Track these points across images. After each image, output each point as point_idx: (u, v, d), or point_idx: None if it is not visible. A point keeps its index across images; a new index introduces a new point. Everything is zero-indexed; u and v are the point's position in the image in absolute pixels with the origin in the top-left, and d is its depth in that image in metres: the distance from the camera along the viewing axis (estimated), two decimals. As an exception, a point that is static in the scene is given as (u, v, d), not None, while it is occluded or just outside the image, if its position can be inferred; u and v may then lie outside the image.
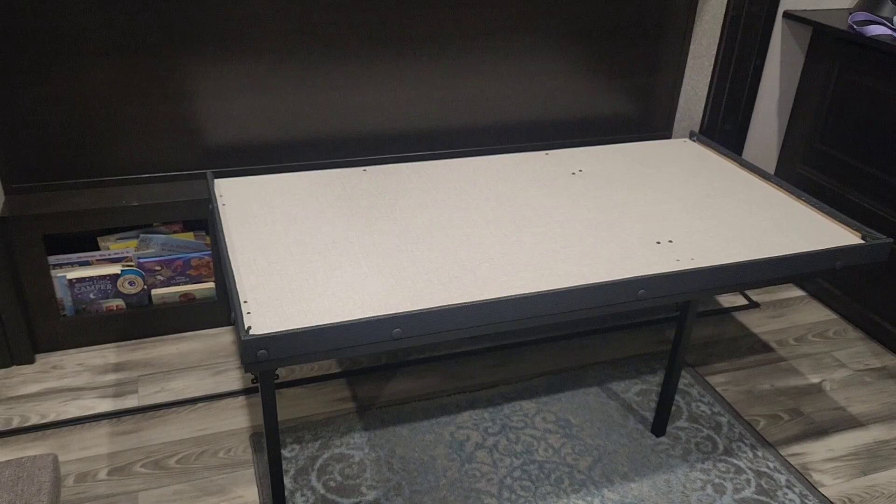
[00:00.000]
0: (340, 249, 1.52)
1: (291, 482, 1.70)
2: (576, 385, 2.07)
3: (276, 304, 1.33)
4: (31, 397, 1.94)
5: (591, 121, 2.51)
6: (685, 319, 1.72)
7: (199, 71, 2.02)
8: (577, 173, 1.94)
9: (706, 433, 1.92)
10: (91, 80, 1.94)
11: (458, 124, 2.35)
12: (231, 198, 1.73)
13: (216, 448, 1.80)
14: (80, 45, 1.90)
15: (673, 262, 1.53)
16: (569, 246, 1.58)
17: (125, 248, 2.10)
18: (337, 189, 1.79)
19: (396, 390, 2.03)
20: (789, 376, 2.17)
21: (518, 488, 1.72)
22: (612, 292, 1.44)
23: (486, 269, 1.47)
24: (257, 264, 1.45)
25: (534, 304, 1.38)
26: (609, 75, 2.44)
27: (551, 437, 1.88)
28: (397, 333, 1.30)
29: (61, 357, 2.09)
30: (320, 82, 2.14)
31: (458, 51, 2.23)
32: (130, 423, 1.87)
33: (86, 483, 1.69)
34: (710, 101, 2.62)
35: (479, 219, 1.67)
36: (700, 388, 2.09)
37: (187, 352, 2.14)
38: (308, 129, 2.19)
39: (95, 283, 2.08)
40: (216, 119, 2.10)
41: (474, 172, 1.91)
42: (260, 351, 1.22)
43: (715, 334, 2.34)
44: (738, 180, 1.94)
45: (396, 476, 1.74)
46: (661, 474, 1.78)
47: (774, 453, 1.87)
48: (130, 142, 2.05)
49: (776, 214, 1.77)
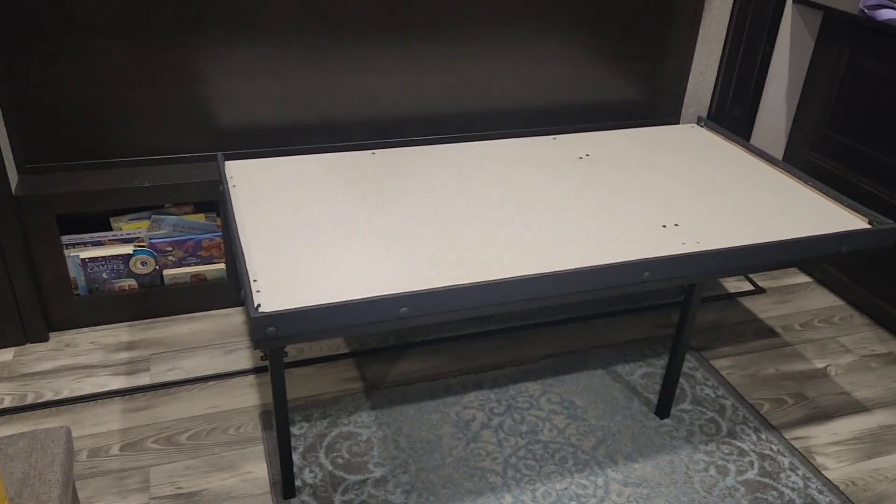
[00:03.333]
0: (349, 231, 1.54)
1: (300, 459, 1.74)
2: (581, 367, 2.09)
3: (285, 283, 1.35)
4: (45, 374, 1.97)
5: (599, 106, 2.51)
6: (690, 303, 1.74)
7: (211, 54, 2.04)
8: (584, 157, 1.95)
9: (710, 416, 1.94)
10: (104, 61, 1.97)
11: (466, 109, 2.36)
12: (241, 179, 1.75)
13: (227, 425, 1.84)
14: (94, 27, 1.92)
15: (678, 245, 1.55)
16: (574, 229, 1.59)
17: (137, 228, 2.13)
18: (346, 172, 1.81)
19: (404, 371, 2.05)
20: (794, 361, 2.18)
21: (523, 467, 1.75)
22: (616, 274, 1.45)
23: (492, 250, 1.49)
24: (267, 244, 1.48)
25: (539, 285, 1.40)
26: (617, 60, 2.45)
27: (556, 418, 1.90)
28: (404, 312, 1.32)
29: (75, 335, 2.13)
30: (330, 66, 2.15)
31: (466, 35, 2.24)
32: (143, 400, 1.90)
33: (98, 458, 1.73)
34: (719, 86, 2.62)
35: (486, 202, 1.69)
36: (704, 371, 2.10)
37: (198, 331, 2.17)
38: (317, 112, 2.21)
39: (108, 263, 2.11)
40: (227, 102, 2.12)
41: (482, 156, 1.93)
42: (269, 328, 1.25)
43: (720, 319, 2.35)
44: (746, 165, 1.95)
45: (403, 454, 1.77)
46: (664, 455, 1.80)
47: (778, 436, 1.89)
48: (143, 123, 2.08)
49: (783, 199, 1.78)
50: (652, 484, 1.72)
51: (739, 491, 1.72)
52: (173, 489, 1.66)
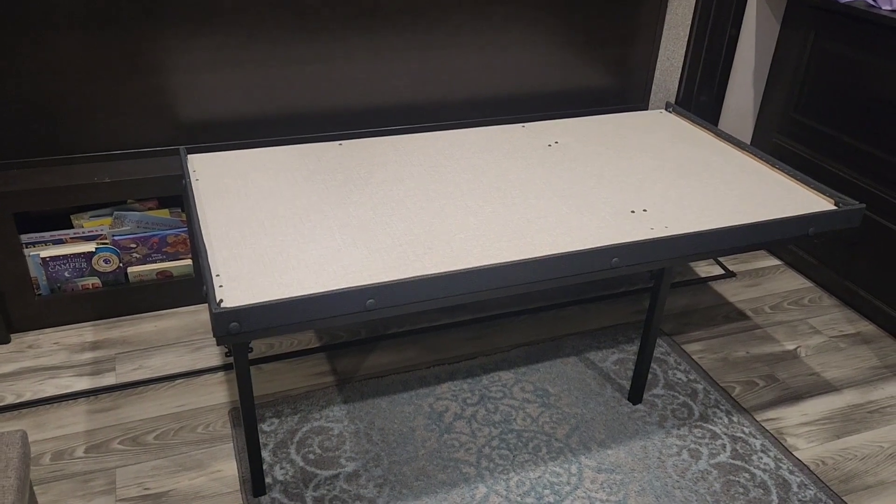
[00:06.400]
0: (314, 222, 1.52)
1: (271, 455, 1.71)
2: (554, 355, 2.08)
3: (249, 277, 1.32)
4: (6, 377, 1.92)
5: (568, 93, 2.50)
6: (659, 287, 1.73)
7: (170, 45, 1.99)
8: (554, 145, 1.94)
9: (682, 400, 1.94)
10: (59, 54, 1.91)
11: (434, 98, 2.34)
12: (204, 173, 1.72)
13: (195, 423, 1.80)
14: (48, 18, 1.86)
15: (647, 230, 1.54)
16: (544, 216, 1.58)
17: (99, 225, 2.08)
18: (311, 163, 1.78)
19: (376, 363, 2.03)
20: (764, 343, 2.20)
21: (496, 457, 1.74)
22: (586, 260, 1.44)
23: (461, 239, 1.47)
24: (230, 238, 1.45)
25: (509, 273, 1.39)
26: (585, 47, 2.44)
27: (529, 407, 1.89)
28: (371, 304, 1.30)
29: (37, 336, 2.07)
30: (293, 56, 2.12)
31: (432, 23, 2.21)
32: (108, 401, 1.86)
33: (62, 461, 1.68)
34: (686, 71, 2.63)
35: (455, 191, 1.67)
36: (676, 356, 2.11)
37: (165, 329, 2.12)
38: (282, 103, 2.17)
39: (70, 262, 2.06)
40: (188, 94, 2.07)
41: (450, 145, 1.91)
42: (232, 323, 1.22)
43: (691, 304, 2.36)
44: (714, 150, 1.95)
45: (375, 447, 1.75)
46: (637, 441, 1.80)
47: (749, 419, 1.90)
48: (101, 118, 2.02)
49: (750, 183, 1.78)
50: (625, 470, 1.72)
51: (712, 474, 1.72)
52: (140, 490, 1.62)
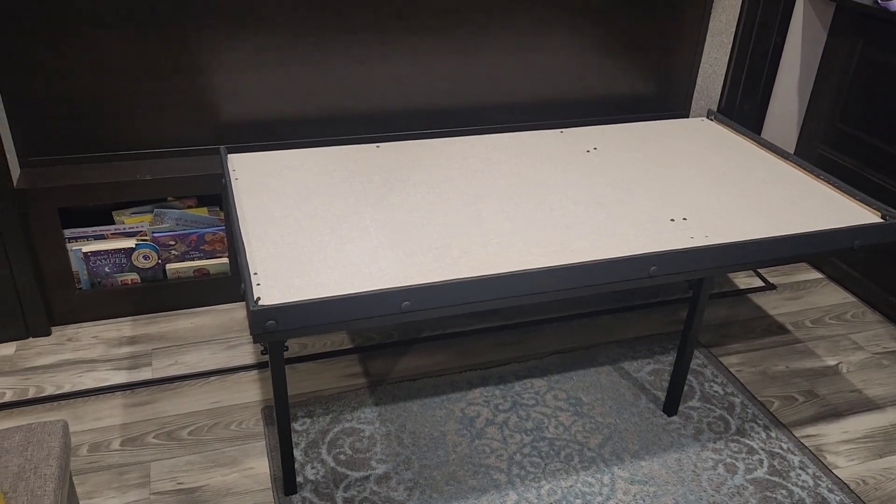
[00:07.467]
0: (352, 223, 1.52)
1: (302, 455, 1.72)
2: (588, 364, 2.06)
3: (286, 277, 1.33)
4: (46, 368, 1.96)
5: (608, 99, 2.48)
6: (698, 298, 1.70)
7: (213, 45, 2.02)
8: (592, 151, 1.92)
9: (719, 413, 1.91)
10: (106, 53, 1.95)
11: (473, 101, 2.33)
12: (244, 172, 1.73)
13: (228, 420, 1.82)
14: (96, 18, 1.90)
15: (686, 238, 1.52)
16: (581, 222, 1.56)
17: (140, 222, 2.11)
18: (350, 165, 1.79)
19: (408, 366, 2.03)
20: (805, 358, 2.15)
21: (528, 465, 1.72)
22: (623, 268, 1.42)
23: (497, 244, 1.46)
24: (268, 237, 1.46)
25: (544, 279, 1.37)
26: (626, 53, 2.41)
27: (562, 415, 1.87)
28: (406, 306, 1.29)
29: (77, 329, 2.11)
30: (334, 58, 2.13)
31: (473, 26, 2.21)
32: (144, 395, 1.89)
33: (99, 452, 1.71)
34: (729, 79, 2.58)
35: (492, 195, 1.66)
36: (713, 368, 2.07)
37: (201, 326, 2.15)
38: (321, 104, 2.19)
39: (110, 257, 2.09)
40: (230, 94, 2.09)
41: (488, 149, 1.90)
42: (269, 322, 1.22)
43: (730, 315, 2.32)
44: (756, 159, 1.92)
45: (406, 451, 1.74)
46: (672, 453, 1.77)
47: (788, 434, 1.86)
48: (145, 116, 2.06)
49: (794, 193, 1.74)
50: (659, 482, 1.69)
51: (748, 489, 1.69)
52: (174, 485, 1.64)
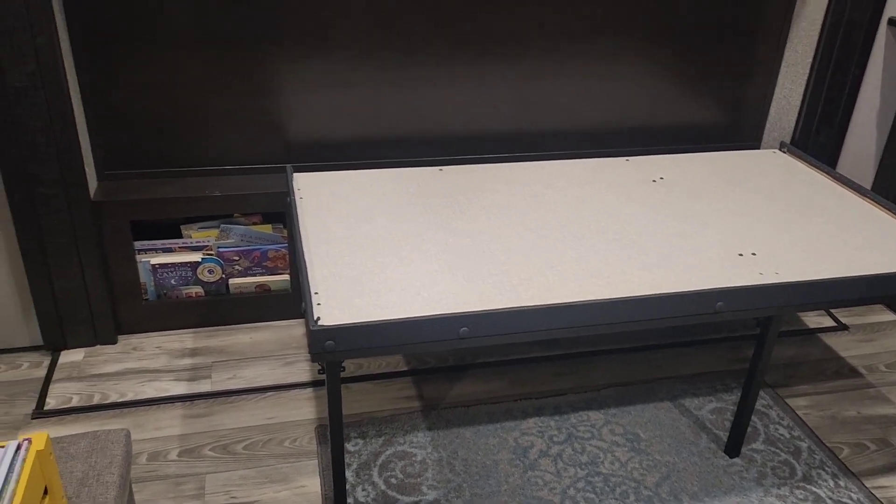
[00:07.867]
0: (412, 246, 1.52)
1: (353, 476, 1.71)
2: (647, 399, 2.00)
3: (346, 297, 1.33)
4: (111, 376, 2.02)
5: (676, 128, 2.43)
6: (766, 336, 1.64)
7: (283, 67, 2.06)
8: (658, 181, 1.88)
9: (784, 457, 1.83)
10: (182, 72, 2.01)
11: (538, 127, 2.32)
12: (308, 192, 1.76)
13: (283, 437, 1.83)
14: (174, 38, 1.97)
15: (756, 275, 1.47)
16: (645, 253, 1.53)
17: (206, 237, 2.16)
18: (412, 187, 1.79)
19: (462, 392, 2.01)
20: (878, 404, 2.05)
21: (581, 500, 1.68)
22: (688, 303, 1.38)
23: (558, 272, 1.44)
24: (330, 257, 1.47)
25: (605, 311, 1.34)
26: (696, 81, 2.37)
27: (618, 450, 1.82)
28: (464, 332, 1.28)
29: (141, 339, 2.17)
30: (400, 80, 2.15)
31: (539, 53, 2.21)
32: (202, 407, 1.92)
33: (157, 462, 1.74)
34: (804, 110, 2.51)
35: (555, 222, 1.64)
36: (779, 410, 1.99)
37: (260, 341, 2.18)
38: (386, 127, 2.21)
39: (177, 270, 2.14)
40: (297, 114, 2.14)
41: (551, 176, 1.88)
42: (328, 342, 1.23)
43: (798, 355, 2.23)
44: (831, 194, 1.85)
45: (458, 478, 1.72)
46: (732, 496, 1.71)
47: (858, 484, 1.77)
48: (216, 134, 2.12)
49: (870, 231, 1.67)
50: (719, 526, 1.63)
51: (814, 540, 1.61)
52: (227, 498, 1.66)
